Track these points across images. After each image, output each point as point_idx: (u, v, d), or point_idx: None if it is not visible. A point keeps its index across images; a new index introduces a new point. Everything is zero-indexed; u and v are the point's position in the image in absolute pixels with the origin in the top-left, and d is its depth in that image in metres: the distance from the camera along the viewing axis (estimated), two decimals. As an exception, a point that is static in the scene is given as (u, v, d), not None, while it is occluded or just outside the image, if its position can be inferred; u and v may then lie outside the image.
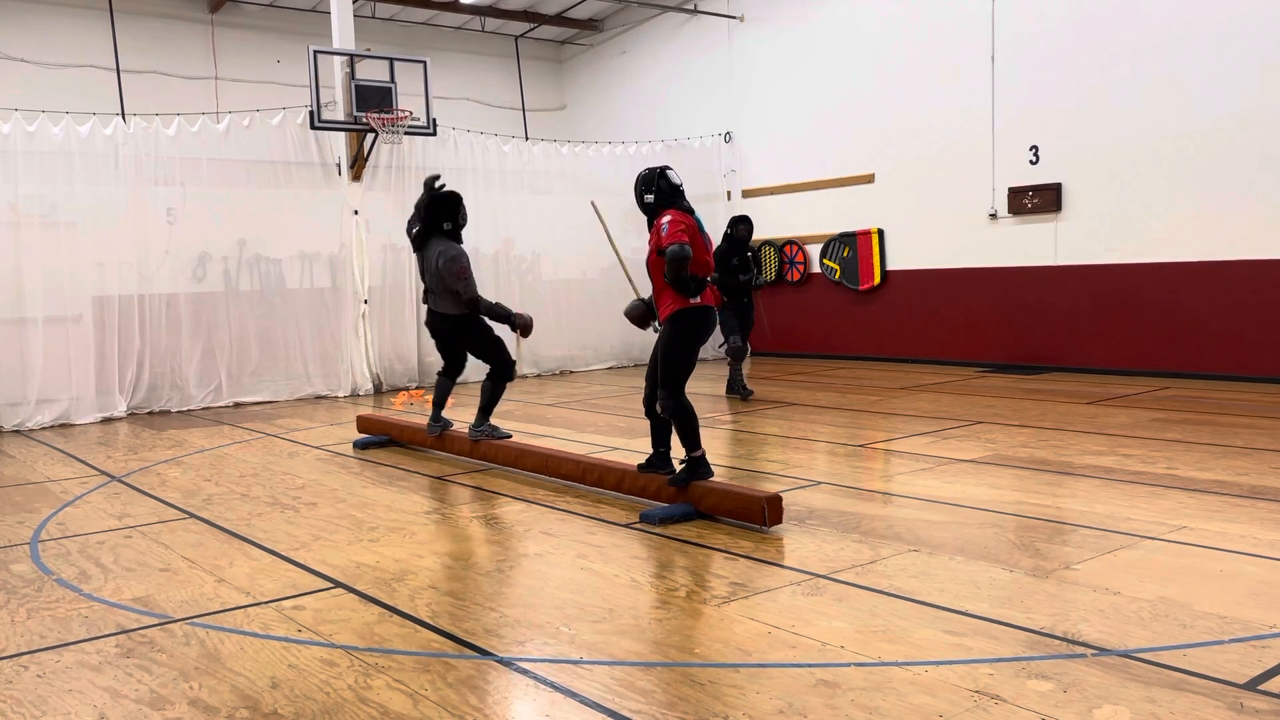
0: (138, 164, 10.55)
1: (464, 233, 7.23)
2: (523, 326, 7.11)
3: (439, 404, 7.57)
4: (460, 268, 6.91)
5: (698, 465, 5.41)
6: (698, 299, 5.32)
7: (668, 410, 5.39)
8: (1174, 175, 10.44)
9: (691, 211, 5.45)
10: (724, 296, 9.97)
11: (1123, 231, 10.90)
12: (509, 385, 7.44)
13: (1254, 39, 9.83)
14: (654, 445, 5.72)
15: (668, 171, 5.55)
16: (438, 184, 7.13)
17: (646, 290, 5.81)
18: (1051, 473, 6.24)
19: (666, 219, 5.29)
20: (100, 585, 4.56)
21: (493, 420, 7.48)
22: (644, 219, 5.60)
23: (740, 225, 10.19)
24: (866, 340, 13.63)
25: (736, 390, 10.20)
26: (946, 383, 10.88)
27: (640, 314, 5.80)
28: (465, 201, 7.06)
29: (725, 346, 10.10)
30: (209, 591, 4.42)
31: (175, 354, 10.80)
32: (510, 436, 7.25)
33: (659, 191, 5.47)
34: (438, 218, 7.08)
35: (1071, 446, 7.03)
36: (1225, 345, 10.28)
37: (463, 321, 7.15)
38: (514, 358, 7.28)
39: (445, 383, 7.57)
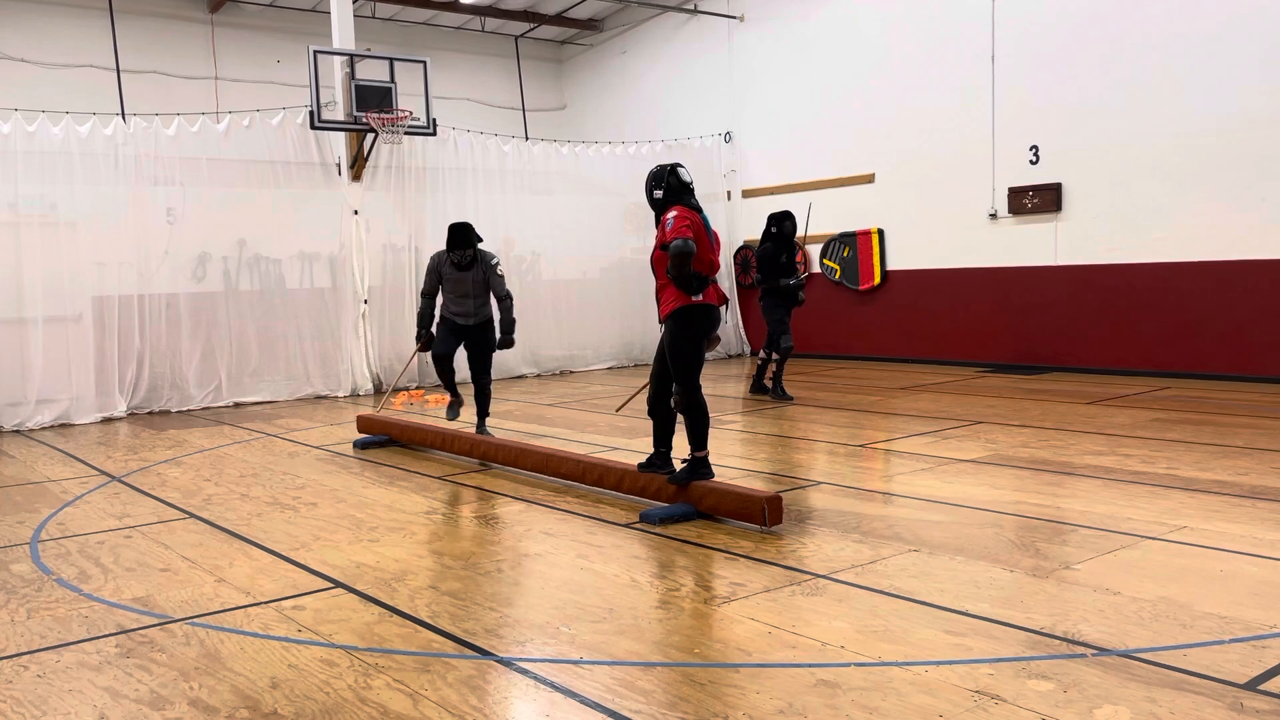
0: (138, 164, 10.55)
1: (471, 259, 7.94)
2: (419, 343, 8.04)
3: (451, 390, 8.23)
4: (430, 267, 7.88)
5: (699, 465, 5.41)
6: (699, 296, 5.32)
7: (681, 405, 5.39)
8: (1174, 175, 10.44)
9: (699, 210, 5.45)
10: (775, 298, 9.81)
11: (1123, 231, 10.90)
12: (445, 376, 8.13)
13: (1254, 39, 9.83)
14: (655, 445, 5.72)
15: (679, 169, 5.54)
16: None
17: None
18: (1051, 473, 6.24)
19: (672, 214, 5.28)
20: (100, 585, 4.56)
21: (491, 419, 8.15)
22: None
23: (785, 221, 9.83)
24: (866, 340, 13.63)
25: (777, 391, 9.94)
26: (946, 383, 10.88)
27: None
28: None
29: (782, 346, 9.80)
30: (209, 591, 4.42)
31: (175, 354, 10.80)
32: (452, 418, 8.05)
33: (668, 188, 5.46)
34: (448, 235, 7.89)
35: (1071, 446, 7.03)
36: (1225, 345, 10.28)
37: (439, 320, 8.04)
38: (435, 355, 7.95)
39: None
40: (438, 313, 7.99)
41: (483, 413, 8.01)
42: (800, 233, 10.67)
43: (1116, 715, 2.90)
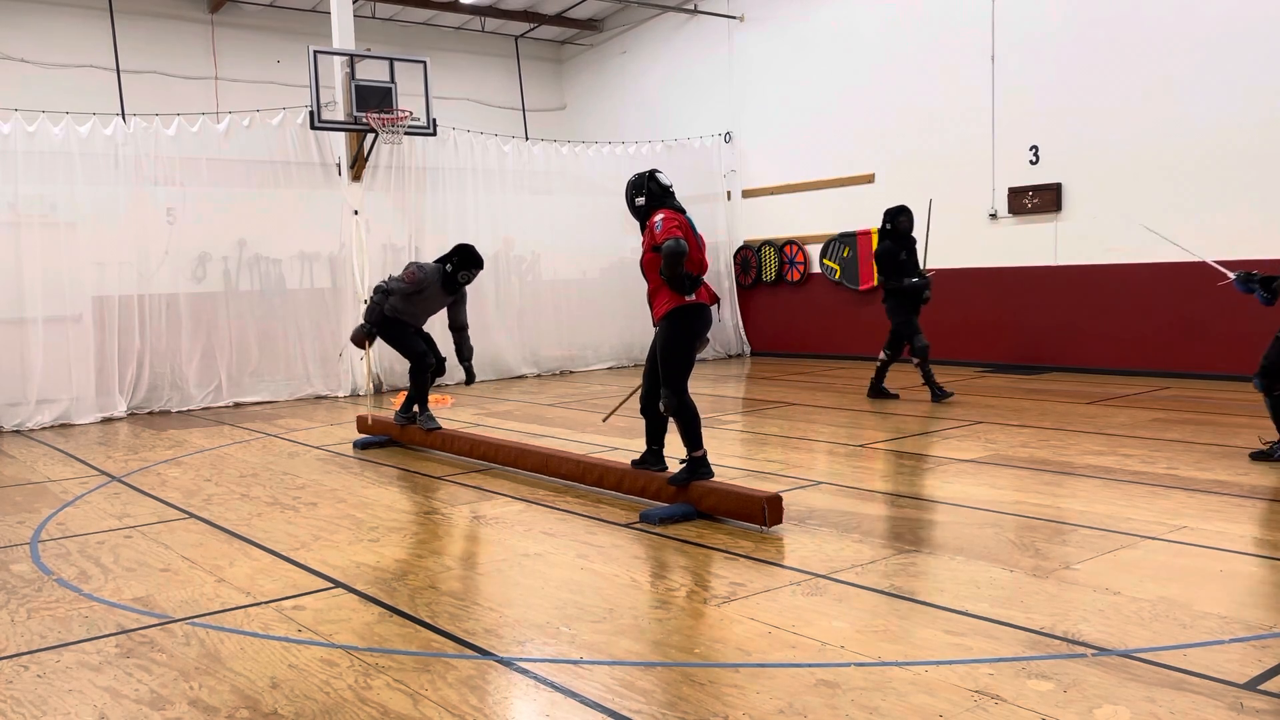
0: (138, 164, 10.55)
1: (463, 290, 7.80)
2: (354, 335, 7.88)
3: (410, 400, 7.99)
4: (409, 274, 7.56)
5: (698, 465, 5.42)
6: (692, 296, 5.36)
7: (671, 409, 5.41)
8: (1174, 175, 10.43)
9: (682, 211, 5.51)
10: (900, 298, 9.37)
11: (1123, 231, 10.90)
12: (435, 377, 7.99)
13: (1254, 39, 9.83)
14: (648, 443, 5.77)
15: (656, 174, 5.63)
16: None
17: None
18: (1051, 473, 6.24)
19: (660, 217, 5.34)
20: (100, 585, 4.56)
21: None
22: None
23: (901, 216, 9.37)
24: (866, 340, 13.59)
25: (937, 392, 9.37)
26: (946, 383, 10.85)
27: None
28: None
29: (916, 346, 9.32)
30: (209, 591, 4.42)
31: (175, 354, 10.80)
32: (437, 429, 7.69)
33: (649, 193, 5.54)
34: (450, 255, 7.60)
35: (1071, 446, 7.03)
36: (1225, 345, 10.27)
37: (378, 321, 7.76)
38: (417, 352, 7.75)
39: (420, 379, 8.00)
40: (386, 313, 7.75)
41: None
42: (920, 234, 9.83)
43: (1116, 715, 2.90)
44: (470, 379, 7.84)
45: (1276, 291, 6.74)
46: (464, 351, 7.76)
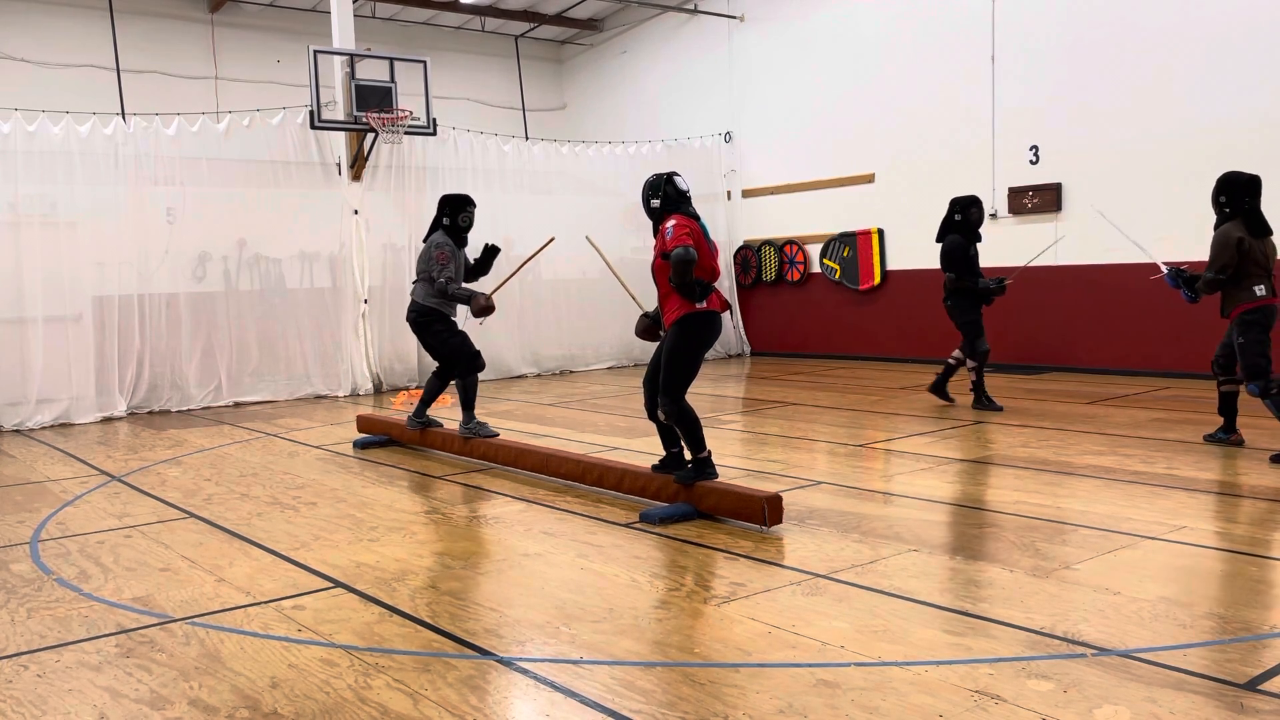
0: (138, 164, 10.55)
1: (468, 236, 7.53)
2: (478, 308, 7.21)
3: (425, 401, 7.78)
4: (440, 254, 7.22)
5: (704, 466, 5.41)
6: (703, 303, 5.32)
7: (671, 416, 5.39)
8: (1174, 175, 10.43)
9: (697, 217, 5.44)
10: (967, 298, 8.79)
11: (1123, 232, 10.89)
12: (480, 378, 7.69)
13: (1254, 39, 9.83)
14: (665, 447, 5.72)
15: (675, 177, 5.55)
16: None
17: (649, 303, 5.88)
18: (1051, 473, 6.24)
19: (671, 223, 5.30)
20: (100, 585, 4.56)
21: (492, 419, 7.57)
22: (644, 218, 5.61)
23: (973, 208, 8.75)
24: (866, 340, 13.63)
25: (984, 403, 8.77)
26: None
27: (647, 328, 5.83)
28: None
29: (979, 350, 8.79)
30: (209, 591, 4.42)
31: (175, 354, 10.79)
32: (497, 434, 7.36)
33: (665, 197, 5.47)
34: (441, 211, 7.42)
35: (1071, 446, 7.03)
36: (1225, 345, 10.26)
37: (425, 313, 7.36)
38: (469, 353, 7.45)
39: (434, 381, 7.73)
40: (426, 304, 7.35)
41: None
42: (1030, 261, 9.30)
43: (1116, 715, 2.90)
44: (496, 248, 7.62)
45: (1199, 292, 6.74)
46: (485, 260, 7.55)
